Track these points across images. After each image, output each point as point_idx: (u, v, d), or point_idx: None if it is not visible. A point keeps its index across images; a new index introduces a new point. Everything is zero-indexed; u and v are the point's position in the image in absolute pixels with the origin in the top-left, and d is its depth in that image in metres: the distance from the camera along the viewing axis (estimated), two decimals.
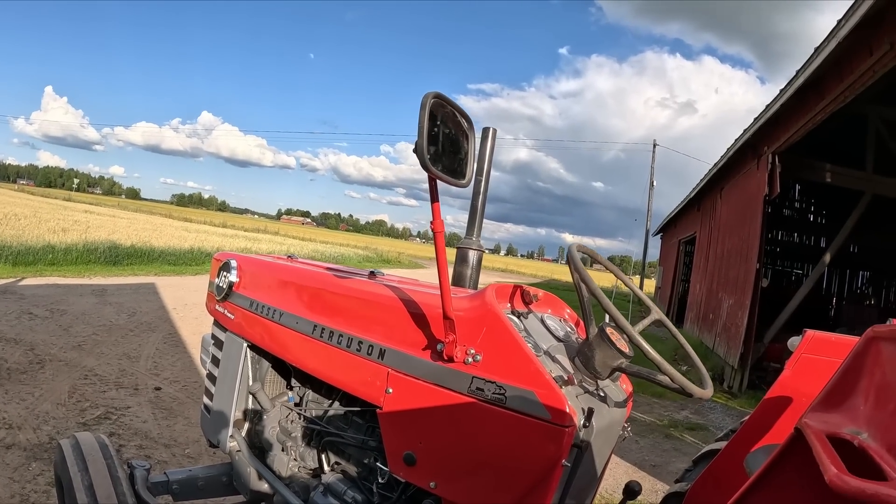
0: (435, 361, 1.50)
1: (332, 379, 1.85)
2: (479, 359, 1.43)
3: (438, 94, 1.23)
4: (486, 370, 1.42)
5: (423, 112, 1.18)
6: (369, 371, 1.67)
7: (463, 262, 2.40)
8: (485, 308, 1.51)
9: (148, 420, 4.75)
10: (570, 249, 1.62)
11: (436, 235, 1.33)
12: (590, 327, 1.58)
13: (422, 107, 1.18)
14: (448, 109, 1.30)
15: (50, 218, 21.40)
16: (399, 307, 1.69)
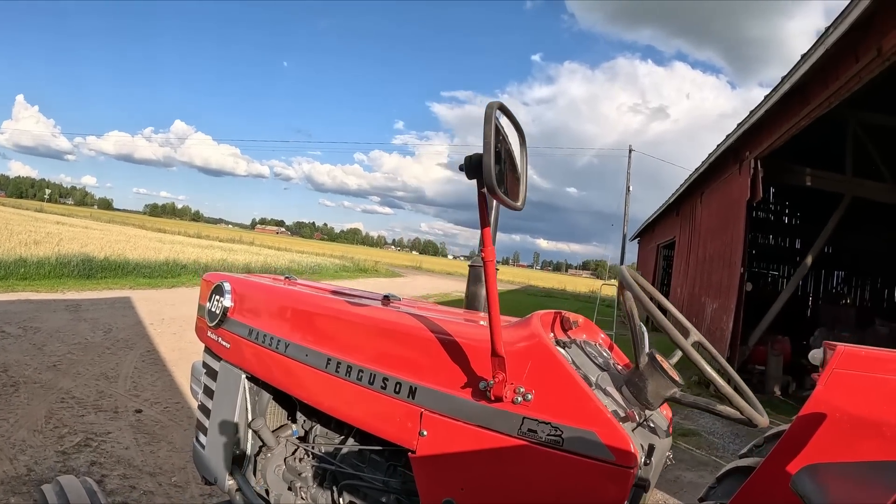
0: (478, 401, 1.36)
1: (354, 419, 1.69)
2: (531, 398, 1.29)
3: (503, 105, 1.08)
4: (539, 410, 1.28)
5: (489, 126, 1.03)
6: (399, 411, 1.52)
7: (477, 281, 2.27)
8: (533, 340, 1.37)
9: (130, 446, 4.52)
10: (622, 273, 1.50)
11: (486, 265, 1.18)
12: (640, 355, 1.45)
13: (486, 119, 1.03)
14: (509, 121, 1.16)
15: (21, 230, 20.83)
16: (429, 339, 1.54)
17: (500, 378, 1.27)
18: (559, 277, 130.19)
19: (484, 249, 1.17)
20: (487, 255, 1.17)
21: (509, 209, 1.13)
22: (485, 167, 1.01)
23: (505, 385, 1.28)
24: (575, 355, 1.52)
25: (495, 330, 1.24)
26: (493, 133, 1.02)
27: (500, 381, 1.27)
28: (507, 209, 1.13)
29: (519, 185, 1.20)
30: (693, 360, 1.30)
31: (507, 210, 2.65)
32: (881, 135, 9.88)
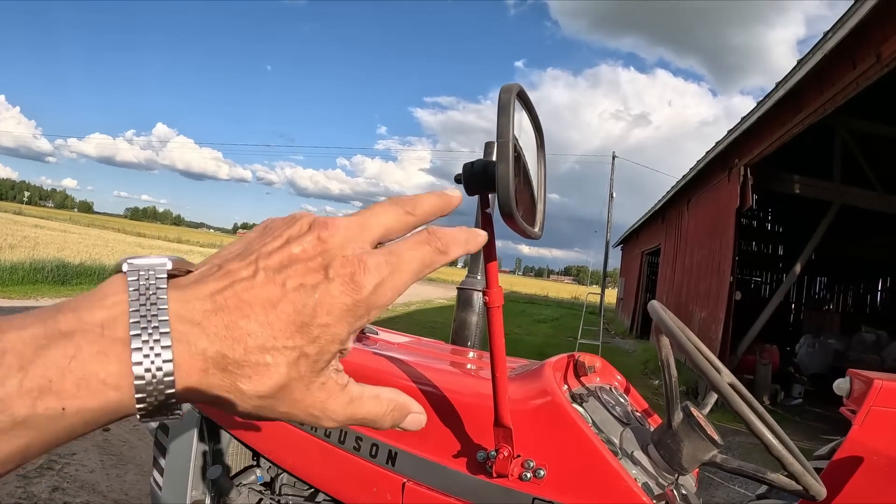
0: (476, 475, 1.08)
1: (322, 484, 1.39)
2: (543, 474, 1.01)
3: (523, 91, 0.71)
4: (553, 489, 1.01)
5: (506, 118, 0.65)
6: (376, 480, 1.23)
7: (467, 306, 1.95)
8: (545, 399, 1.10)
9: (95, 469, 4.20)
10: (656, 312, 1.23)
11: (490, 312, 0.87)
12: (674, 411, 1.18)
13: (502, 109, 0.65)
14: (527, 115, 0.80)
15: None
16: (412, 391, 1.24)
17: (506, 452, 0.99)
18: (541, 283, 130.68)
19: (488, 291, 0.84)
20: (493, 299, 0.84)
21: (525, 238, 0.75)
22: (500, 180, 0.64)
23: (511, 460, 1.01)
24: (593, 411, 1.24)
25: (500, 396, 0.95)
26: (510, 129, 0.65)
27: (504, 456, 0.98)
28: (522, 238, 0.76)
29: (535, 205, 0.83)
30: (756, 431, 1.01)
31: None
32: (869, 142, 9.80)
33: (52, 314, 0.35)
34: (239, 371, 0.38)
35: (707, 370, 1.08)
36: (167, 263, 0.39)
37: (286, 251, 0.40)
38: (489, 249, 0.80)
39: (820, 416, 9.22)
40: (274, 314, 0.38)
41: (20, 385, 0.32)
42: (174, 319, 0.37)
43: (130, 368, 0.35)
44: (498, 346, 0.91)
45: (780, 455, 1.01)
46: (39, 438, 0.34)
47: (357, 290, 0.40)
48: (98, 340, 0.35)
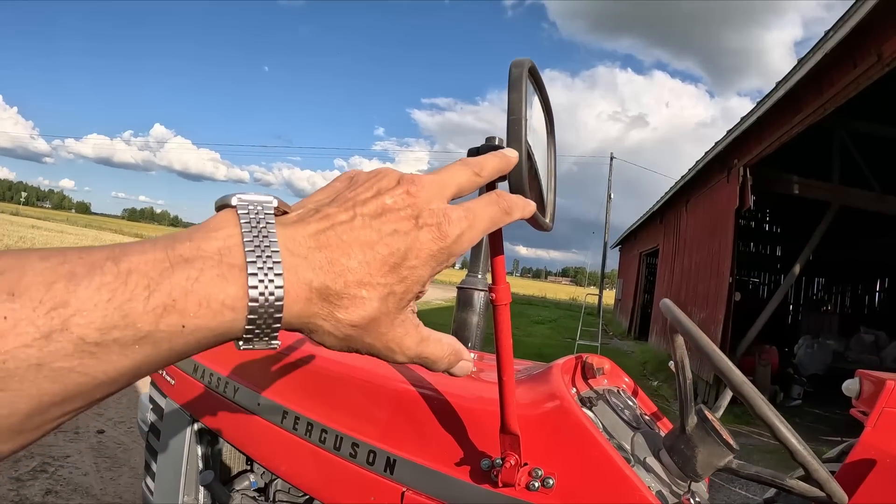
0: (480, 484, 1.01)
1: (317, 492, 1.32)
2: (552, 483, 0.94)
3: (534, 66, 0.64)
4: (563, 498, 0.94)
5: (518, 95, 0.58)
6: (374, 488, 1.16)
7: (467, 306, 1.88)
8: (554, 404, 1.03)
9: (89, 472, 4.15)
10: (671, 310, 1.17)
11: (497, 310, 0.79)
12: (688, 415, 1.12)
13: (513, 85, 0.59)
14: (537, 95, 0.72)
15: None
16: (413, 397, 1.18)
17: (512, 461, 0.91)
18: (539, 284, 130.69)
19: (495, 287, 0.75)
20: (500, 296, 0.75)
21: (537, 228, 0.68)
22: (513, 176, 0.58)
23: (518, 468, 0.94)
24: (603, 415, 1.17)
25: (508, 401, 0.88)
26: (523, 106, 0.59)
27: (511, 465, 0.91)
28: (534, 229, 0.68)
29: (545, 195, 0.76)
30: (780, 437, 0.95)
31: None
32: (868, 143, 9.77)
33: (169, 243, 0.38)
34: (338, 302, 0.42)
35: (727, 370, 1.02)
36: (273, 201, 0.44)
37: (380, 201, 0.45)
38: (496, 242, 0.73)
39: (820, 418, 9.20)
40: (371, 254, 0.43)
41: (146, 302, 0.35)
42: (283, 251, 0.41)
43: (247, 291, 0.38)
44: (505, 348, 0.84)
45: (805, 461, 0.95)
46: (156, 355, 0.37)
47: (443, 238, 0.46)
48: (217, 266, 0.38)
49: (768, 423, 0.95)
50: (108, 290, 0.35)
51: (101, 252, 0.36)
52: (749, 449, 6.50)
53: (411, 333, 0.48)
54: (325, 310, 0.42)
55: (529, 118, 0.74)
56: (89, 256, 0.36)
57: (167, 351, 0.37)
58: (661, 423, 1.43)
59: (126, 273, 0.35)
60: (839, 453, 2.14)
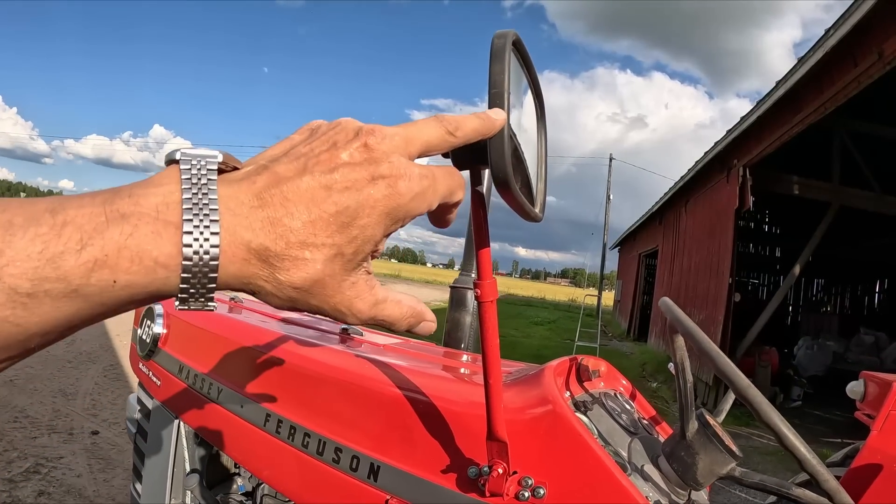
0: (467, 493, 0.95)
1: (297, 497, 1.25)
2: (543, 493, 0.88)
3: (519, 39, 0.59)
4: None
5: (500, 66, 0.53)
6: (355, 495, 1.10)
7: (460, 306, 1.83)
8: (546, 408, 0.97)
9: (83, 473, 4.12)
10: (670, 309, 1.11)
11: (483, 307, 0.73)
12: (688, 421, 1.05)
13: (495, 56, 0.53)
14: (523, 72, 0.66)
15: None
16: (398, 399, 1.12)
17: (500, 470, 0.85)
18: (538, 286, 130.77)
19: (480, 283, 0.69)
20: (485, 292, 0.69)
21: (524, 219, 0.62)
22: (493, 145, 0.52)
23: (507, 477, 0.87)
24: (598, 420, 1.11)
25: (494, 405, 0.82)
26: (506, 78, 0.53)
27: (499, 474, 0.84)
28: (520, 218, 0.62)
29: (534, 183, 0.70)
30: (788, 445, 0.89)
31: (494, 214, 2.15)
32: (868, 143, 9.73)
33: (109, 197, 0.38)
34: (279, 264, 0.41)
35: (731, 373, 0.96)
36: (218, 157, 0.42)
37: (334, 155, 0.43)
38: (481, 235, 0.67)
39: (820, 419, 9.17)
40: (317, 212, 0.41)
41: (78, 255, 0.35)
42: (223, 210, 0.39)
43: (180, 249, 0.38)
44: (491, 348, 0.77)
45: (815, 471, 0.89)
46: (88, 309, 0.37)
47: (398, 195, 0.43)
48: (153, 223, 0.37)
49: (775, 430, 0.89)
50: (42, 241, 0.34)
51: (42, 203, 0.36)
52: (749, 451, 6.45)
53: (364, 296, 0.46)
54: (265, 271, 0.41)
55: (519, 103, 0.68)
56: (31, 207, 0.36)
57: (99, 305, 0.37)
58: (661, 427, 1.37)
59: (61, 225, 0.35)
60: (843, 457, 2.08)
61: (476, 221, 0.67)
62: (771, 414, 0.89)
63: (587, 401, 1.13)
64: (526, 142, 0.70)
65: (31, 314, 0.34)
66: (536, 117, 0.73)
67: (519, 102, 0.68)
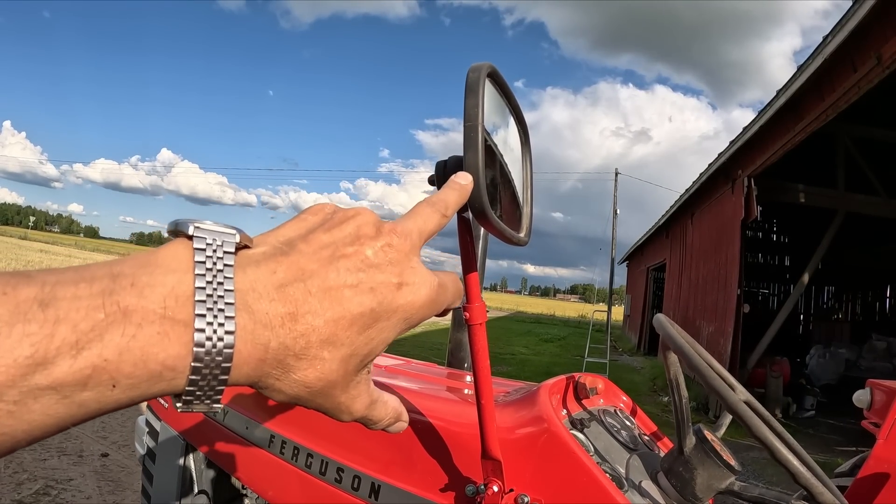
0: None
1: None
2: None
3: (495, 71, 0.60)
4: None
5: (474, 100, 0.55)
6: None
7: (462, 326, 1.84)
8: (541, 427, 0.98)
9: (92, 496, 4.10)
10: (663, 326, 1.12)
11: (472, 330, 0.74)
12: (685, 436, 1.06)
13: (470, 90, 0.55)
14: (503, 102, 0.68)
15: (2, 258, 20.30)
16: None
17: (496, 488, 0.86)
18: (548, 303, 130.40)
19: (468, 306, 0.71)
20: (473, 315, 0.72)
21: (507, 243, 0.65)
22: (467, 171, 0.55)
23: (502, 495, 0.89)
24: (596, 438, 1.11)
25: (487, 424, 0.83)
26: (479, 112, 0.55)
27: (494, 492, 0.86)
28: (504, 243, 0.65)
29: (520, 208, 0.73)
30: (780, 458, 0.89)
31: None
32: (872, 148, 9.72)
33: (108, 285, 0.33)
34: (295, 363, 0.38)
35: (721, 389, 0.96)
36: (235, 236, 0.39)
37: (359, 251, 0.42)
38: (468, 259, 0.69)
39: (834, 428, 9.05)
40: (341, 311, 0.39)
41: (74, 360, 0.31)
42: (240, 304, 0.36)
43: (191, 349, 0.34)
44: (482, 370, 0.79)
45: (809, 484, 0.89)
46: (83, 413, 0.33)
47: (418, 303, 0.43)
48: (160, 321, 0.34)
49: (766, 444, 0.89)
50: (31, 343, 0.30)
51: (29, 289, 0.31)
52: (763, 463, 6.38)
53: (363, 396, 0.45)
54: (279, 370, 0.38)
55: (504, 123, 0.71)
56: (14, 294, 0.31)
57: (95, 410, 0.33)
58: (662, 443, 1.37)
59: (53, 322, 0.31)
60: (852, 467, 2.07)
61: (463, 246, 0.69)
62: (762, 429, 0.89)
63: (584, 418, 1.14)
64: (513, 160, 0.73)
65: (17, 421, 0.31)
66: (521, 144, 0.75)
67: (504, 123, 0.71)
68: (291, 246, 0.41)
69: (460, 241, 0.68)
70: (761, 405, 1.31)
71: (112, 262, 0.36)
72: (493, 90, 0.63)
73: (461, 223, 0.66)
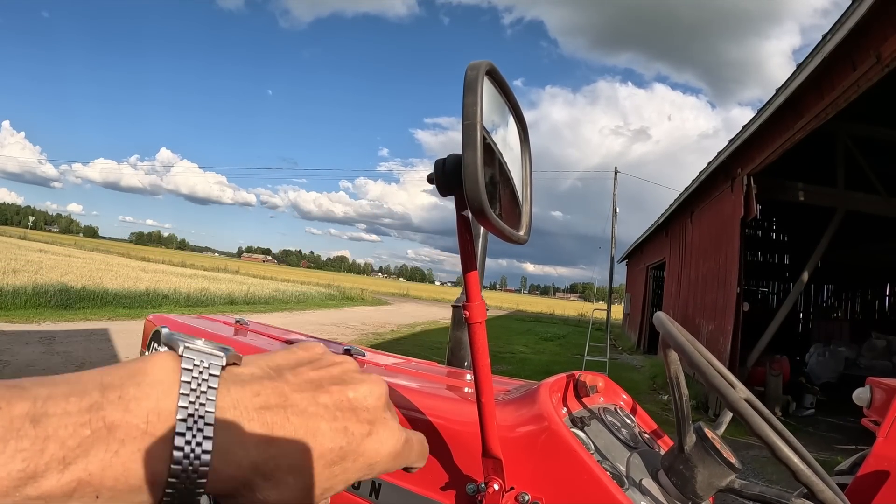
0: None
1: None
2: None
3: (494, 68, 0.60)
4: None
5: (473, 97, 0.55)
6: None
7: (462, 325, 1.84)
8: (541, 425, 0.97)
9: None
10: (663, 323, 1.12)
11: (472, 329, 0.74)
12: (686, 434, 1.07)
13: (468, 88, 0.55)
14: (502, 101, 0.68)
15: (2, 257, 20.19)
16: (398, 418, 1.12)
17: (496, 486, 0.87)
18: (547, 301, 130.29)
19: (468, 305, 0.72)
20: (473, 313, 0.72)
21: (507, 242, 0.65)
22: (467, 174, 0.54)
23: (503, 494, 0.89)
24: (596, 436, 1.11)
25: (488, 422, 0.83)
26: (478, 110, 0.55)
27: (495, 491, 0.86)
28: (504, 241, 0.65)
29: (520, 206, 0.73)
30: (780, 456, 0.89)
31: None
32: (871, 146, 9.71)
33: (97, 400, 0.36)
34: (262, 483, 0.40)
35: (722, 387, 0.96)
36: (223, 359, 0.41)
37: (342, 393, 0.45)
38: (468, 257, 0.69)
39: (834, 426, 9.07)
40: (314, 443, 0.42)
41: (61, 475, 0.33)
42: (220, 424, 0.39)
43: (168, 467, 0.36)
44: (482, 368, 0.79)
45: (809, 481, 0.89)
46: None
47: (383, 453, 0.46)
48: (141, 437, 0.36)
49: (766, 442, 0.89)
50: (23, 458, 0.32)
51: (23, 405, 0.33)
52: (763, 461, 6.38)
53: None
54: (246, 487, 0.40)
55: (504, 122, 0.71)
56: (8, 410, 0.33)
57: None
58: (662, 441, 1.37)
59: (43, 439, 0.33)
60: (851, 465, 2.07)
61: (462, 245, 0.68)
62: (763, 426, 0.89)
63: (584, 416, 1.14)
64: (513, 159, 0.73)
65: None
66: (520, 142, 0.75)
67: (504, 122, 0.71)
68: (279, 373, 0.44)
69: (459, 239, 0.68)
70: (762, 404, 1.31)
71: (104, 370, 0.38)
72: (491, 88, 0.63)
73: (460, 222, 0.66)
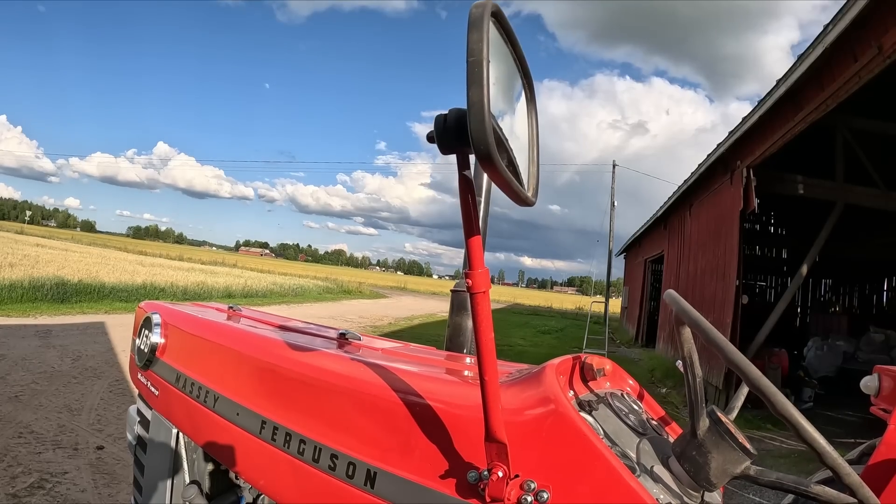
0: (466, 499, 0.90)
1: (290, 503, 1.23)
2: (546, 497, 0.83)
3: (499, 10, 0.53)
4: None
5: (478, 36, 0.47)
6: (351, 503, 1.06)
7: (461, 309, 1.78)
8: (548, 408, 0.91)
9: (87, 489, 4.08)
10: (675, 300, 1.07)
11: (474, 299, 0.68)
12: (699, 418, 1.01)
13: (473, 27, 0.47)
14: (507, 50, 0.61)
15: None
16: (394, 403, 1.07)
17: (500, 473, 0.80)
18: (545, 295, 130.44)
19: (470, 273, 0.65)
20: (476, 282, 0.66)
21: (515, 202, 0.59)
22: (472, 114, 0.47)
23: (507, 481, 0.83)
24: (604, 421, 1.05)
25: (491, 404, 0.77)
26: (484, 47, 0.48)
27: (499, 478, 0.80)
28: (513, 202, 0.59)
29: (526, 167, 0.67)
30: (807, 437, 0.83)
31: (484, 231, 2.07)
32: (870, 140, 9.67)
33: None
34: None
35: (742, 364, 0.90)
36: None
37: None
38: (470, 221, 0.63)
39: (832, 420, 9.08)
40: None
41: None
42: None
43: None
44: (485, 343, 0.72)
45: (836, 464, 0.84)
46: None
47: None
48: None
49: (792, 423, 0.84)
50: None
51: None
52: (762, 454, 6.36)
53: None
54: None
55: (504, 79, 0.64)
56: None
57: None
58: (670, 428, 1.32)
59: None
60: (860, 454, 2.03)
61: (465, 208, 0.62)
62: (787, 405, 0.84)
63: (592, 400, 1.08)
64: (519, 117, 0.67)
65: None
66: (525, 98, 0.69)
67: (508, 75, 0.64)
68: None
69: (461, 202, 0.62)
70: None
71: None
72: (496, 34, 0.56)
73: (462, 182, 0.60)
